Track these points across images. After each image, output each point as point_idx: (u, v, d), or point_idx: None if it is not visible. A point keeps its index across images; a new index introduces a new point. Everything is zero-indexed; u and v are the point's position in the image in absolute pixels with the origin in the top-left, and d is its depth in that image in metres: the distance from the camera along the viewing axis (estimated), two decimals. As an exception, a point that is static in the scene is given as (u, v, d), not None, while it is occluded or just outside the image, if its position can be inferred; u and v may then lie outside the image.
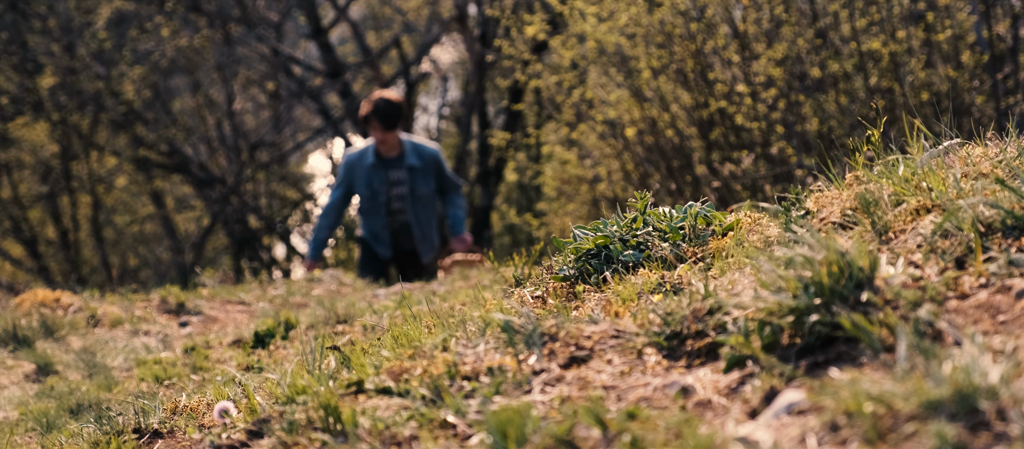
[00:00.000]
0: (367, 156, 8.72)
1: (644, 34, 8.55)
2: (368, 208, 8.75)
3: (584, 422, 1.75)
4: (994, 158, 2.41)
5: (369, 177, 8.65)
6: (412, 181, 8.67)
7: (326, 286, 6.99)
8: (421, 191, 8.69)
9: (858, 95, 7.80)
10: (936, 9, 7.59)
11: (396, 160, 8.67)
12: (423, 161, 8.71)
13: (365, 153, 8.76)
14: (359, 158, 8.76)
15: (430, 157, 8.76)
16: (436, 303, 3.92)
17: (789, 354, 1.87)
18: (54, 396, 4.17)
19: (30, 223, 16.42)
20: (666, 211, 2.87)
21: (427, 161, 8.74)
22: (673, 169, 8.82)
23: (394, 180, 8.67)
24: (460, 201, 9.07)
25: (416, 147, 8.79)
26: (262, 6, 15.24)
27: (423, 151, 8.78)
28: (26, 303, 5.92)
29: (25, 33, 14.20)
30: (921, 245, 2.08)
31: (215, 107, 16.41)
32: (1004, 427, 1.43)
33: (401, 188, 8.67)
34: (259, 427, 2.21)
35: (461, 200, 9.08)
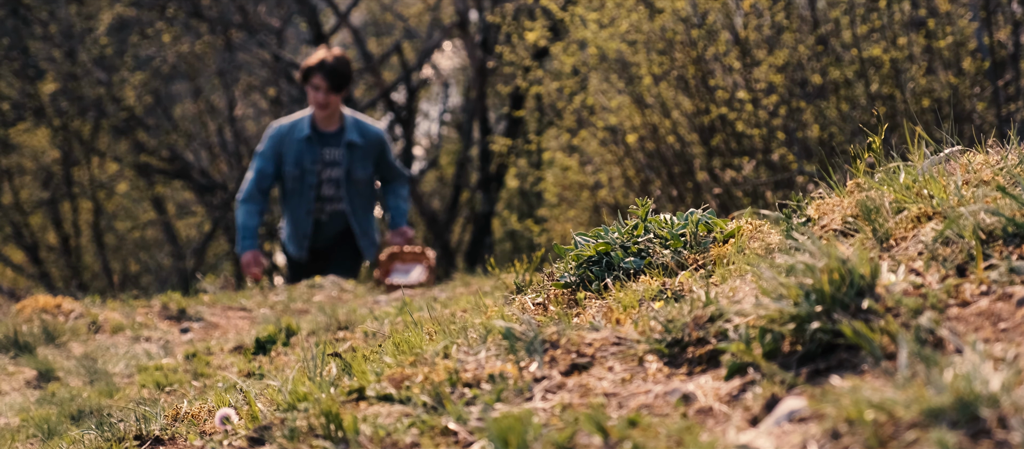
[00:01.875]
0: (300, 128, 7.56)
1: (645, 40, 8.55)
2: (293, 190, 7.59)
3: (585, 429, 1.75)
4: (995, 165, 2.41)
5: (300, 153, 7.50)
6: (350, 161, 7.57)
7: (327, 292, 6.99)
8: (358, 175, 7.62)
9: (859, 102, 7.80)
10: (937, 16, 7.59)
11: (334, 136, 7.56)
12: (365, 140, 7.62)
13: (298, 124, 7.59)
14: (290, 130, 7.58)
15: (374, 137, 7.69)
16: (437, 310, 3.92)
17: (790, 361, 1.87)
18: (55, 402, 4.17)
19: (31, 229, 16.43)
20: (667, 218, 2.87)
21: (370, 141, 7.66)
22: (674, 176, 8.82)
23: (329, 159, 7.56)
24: (404, 191, 8.05)
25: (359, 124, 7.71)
26: (263, 12, 15.26)
27: (366, 129, 7.71)
28: (27, 309, 5.92)
29: (26, 39, 14.22)
30: (922, 252, 2.08)
31: (216, 113, 16.42)
32: (1005, 435, 1.43)
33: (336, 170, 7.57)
34: (260, 434, 2.21)
35: (405, 191, 8.08)
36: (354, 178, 7.61)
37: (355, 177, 7.61)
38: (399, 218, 7.96)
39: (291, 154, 7.49)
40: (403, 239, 7.84)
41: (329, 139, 7.53)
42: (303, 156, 7.48)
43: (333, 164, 7.55)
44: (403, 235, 7.85)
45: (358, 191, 7.68)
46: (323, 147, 7.53)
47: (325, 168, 7.54)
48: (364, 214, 7.82)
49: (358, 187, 7.66)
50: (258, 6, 14.97)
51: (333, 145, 7.54)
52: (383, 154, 7.72)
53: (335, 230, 7.78)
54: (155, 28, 14.91)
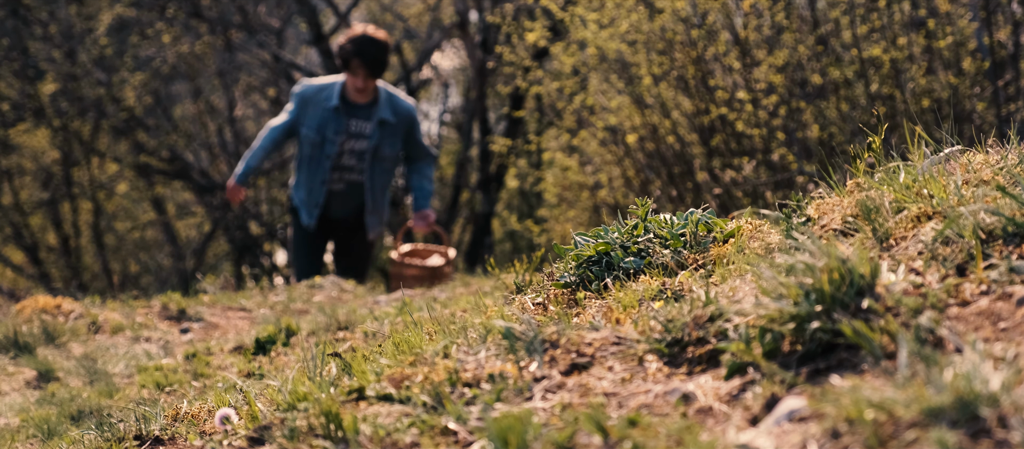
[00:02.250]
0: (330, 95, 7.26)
1: (645, 41, 8.55)
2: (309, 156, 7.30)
3: (585, 429, 1.75)
4: (995, 165, 2.41)
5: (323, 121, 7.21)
6: (379, 139, 7.27)
7: (327, 293, 6.99)
8: (386, 152, 7.35)
9: (859, 102, 7.80)
10: (937, 16, 7.59)
11: (365, 109, 7.27)
12: (397, 117, 7.33)
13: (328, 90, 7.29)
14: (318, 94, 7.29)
15: (405, 113, 7.39)
16: (437, 310, 3.92)
17: (790, 361, 1.87)
18: (55, 403, 4.17)
19: (31, 229, 16.43)
20: (667, 218, 2.87)
21: (401, 117, 7.36)
22: (674, 176, 8.82)
23: (355, 132, 7.25)
24: (429, 172, 7.68)
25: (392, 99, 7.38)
26: (263, 12, 15.26)
27: (398, 105, 7.38)
28: (27, 309, 5.92)
29: (26, 39, 14.22)
30: (922, 252, 2.08)
31: (216, 113, 16.42)
32: (1005, 434, 1.43)
33: (361, 143, 7.26)
34: (260, 434, 2.21)
35: (430, 171, 7.71)
36: (381, 155, 7.34)
37: (382, 154, 7.34)
38: (423, 200, 7.63)
39: (314, 119, 7.21)
40: (425, 223, 7.56)
41: (359, 111, 7.24)
42: (327, 125, 7.19)
43: (359, 137, 7.26)
44: (425, 219, 7.56)
45: (382, 167, 7.41)
46: (351, 119, 7.23)
47: (349, 139, 7.25)
48: (382, 190, 7.54)
49: (383, 163, 7.40)
50: (258, 6, 14.97)
51: (362, 118, 7.24)
52: (412, 131, 7.43)
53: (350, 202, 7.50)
54: (155, 28, 14.90)
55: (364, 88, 7.16)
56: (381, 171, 7.41)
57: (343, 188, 7.40)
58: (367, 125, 7.24)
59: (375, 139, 7.25)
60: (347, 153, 7.27)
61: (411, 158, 7.59)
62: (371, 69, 7.13)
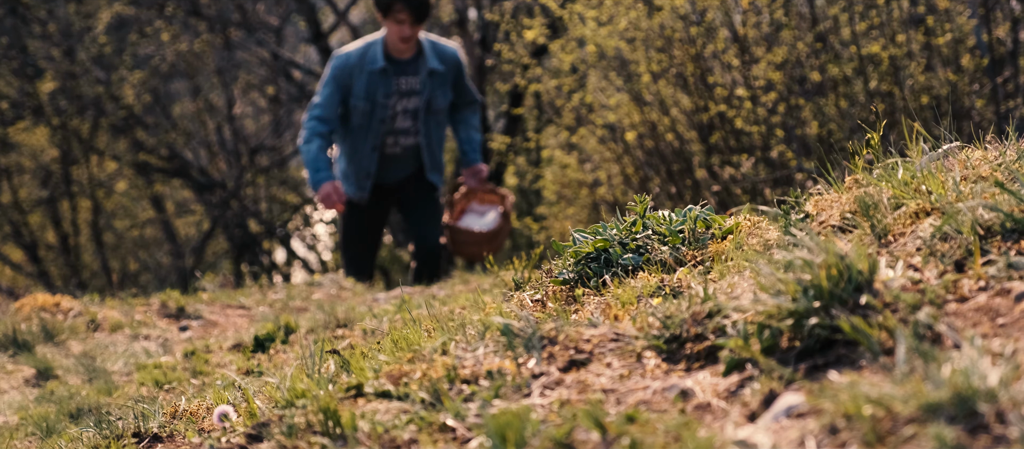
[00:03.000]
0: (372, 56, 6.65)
1: (644, 38, 8.55)
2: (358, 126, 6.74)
3: (583, 425, 1.75)
4: (993, 161, 2.41)
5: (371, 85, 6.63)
6: (431, 91, 6.72)
7: (326, 290, 6.99)
8: (439, 104, 6.78)
9: (858, 99, 7.80)
10: (936, 13, 7.59)
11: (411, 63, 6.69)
12: (445, 64, 6.77)
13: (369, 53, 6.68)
14: (360, 59, 6.68)
15: (452, 59, 6.83)
16: (436, 307, 3.92)
17: (788, 357, 1.87)
18: (54, 401, 4.17)
19: (30, 228, 16.43)
20: (666, 215, 2.87)
21: (449, 64, 6.80)
22: (673, 173, 8.82)
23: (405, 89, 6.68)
24: (475, 120, 7.14)
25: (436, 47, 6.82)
26: (262, 10, 15.26)
27: (444, 52, 6.82)
28: (26, 307, 5.92)
29: (25, 38, 14.22)
30: (920, 248, 2.08)
31: (215, 111, 16.43)
32: (1003, 430, 1.43)
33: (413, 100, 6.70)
34: (259, 431, 2.21)
35: (477, 120, 7.17)
36: (434, 108, 6.79)
37: (436, 107, 6.79)
38: (473, 153, 7.09)
39: (361, 86, 6.62)
40: (477, 178, 7.07)
41: (405, 68, 6.68)
42: (375, 88, 6.62)
43: (410, 94, 6.71)
44: (478, 174, 7.07)
45: (436, 121, 6.86)
46: (399, 77, 6.67)
47: (401, 99, 6.70)
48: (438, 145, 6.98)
49: (437, 117, 6.84)
50: (257, 4, 14.98)
51: (410, 73, 6.68)
52: (460, 76, 6.89)
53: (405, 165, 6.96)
54: (154, 27, 14.91)
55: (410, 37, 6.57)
56: (436, 125, 6.86)
57: (399, 152, 6.86)
58: (416, 81, 6.70)
59: (426, 92, 6.71)
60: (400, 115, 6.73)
61: (457, 106, 7.03)
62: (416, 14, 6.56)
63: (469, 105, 7.00)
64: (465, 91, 6.91)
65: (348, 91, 6.63)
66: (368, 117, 6.65)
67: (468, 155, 7.05)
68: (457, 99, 6.93)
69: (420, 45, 6.68)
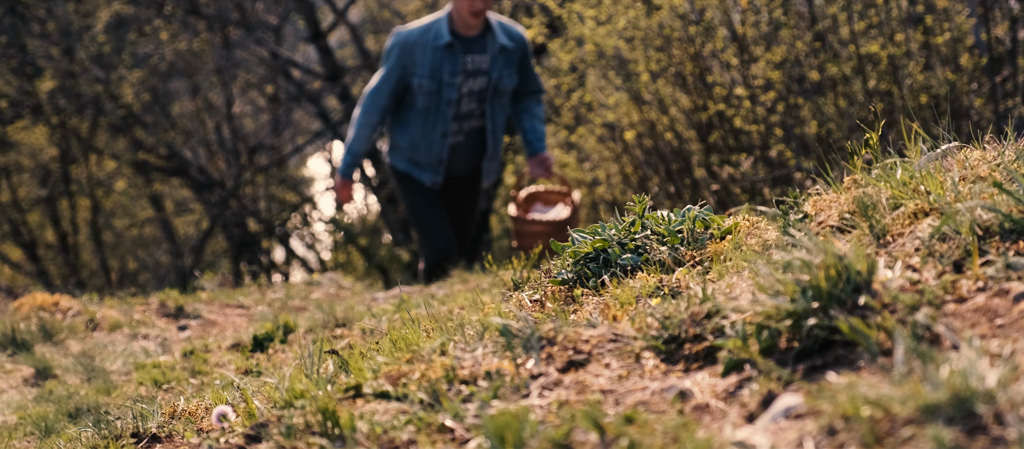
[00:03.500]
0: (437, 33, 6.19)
1: (643, 37, 8.56)
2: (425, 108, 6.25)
3: (582, 426, 1.75)
4: (992, 161, 2.41)
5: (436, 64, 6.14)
6: (499, 72, 6.24)
7: (325, 289, 6.99)
8: (505, 86, 6.29)
9: (857, 98, 7.80)
10: (935, 12, 7.59)
11: (478, 40, 6.22)
12: (514, 43, 6.28)
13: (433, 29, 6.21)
14: (422, 36, 6.20)
15: (520, 40, 6.34)
16: (434, 307, 3.92)
17: (787, 358, 1.87)
18: (53, 400, 4.17)
19: (29, 227, 16.43)
20: (664, 214, 2.87)
21: (517, 44, 6.31)
22: (672, 172, 8.82)
23: (472, 69, 6.20)
24: (540, 110, 6.62)
25: (503, 25, 6.33)
26: (261, 9, 15.25)
27: (513, 32, 6.34)
28: (25, 307, 5.92)
29: (24, 37, 14.21)
30: (919, 248, 2.08)
31: (214, 110, 16.43)
32: (1001, 431, 1.43)
33: (479, 81, 6.23)
34: (257, 431, 2.20)
35: (541, 109, 6.64)
36: (501, 90, 6.30)
37: (502, 88, 6.29)
38: (538, 143, 6.52)
39: (425, 65, 6.15)
40: (544, 169, 6.51)
41: (473, 45, 6.20)
42: (441, 67, 6.15)
43: (477, 73, 6.24)
44: (544, 163, 6.51)
45: (501, 104, 6.37)
46: (466, 55, 6.19)
47: (467, 79, 6.22)
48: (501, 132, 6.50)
49: (501, 99, 6.35)
50: (256, 3, 14.97)
51: (478, 51, 6.21)
52: (525, 60, 6.40)
53: (470, 154, 6.49)
54: (153, 26, 14.90)
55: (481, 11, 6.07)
56: (500, 108, 6.38)
57: (463, 139, 6.41)
58: (483, 59, 6.21)
59: (495, 72, 6.24)
60: (466, 97, 6.25)
61: (519, 95, 6.54)
62: None
63: (533, 94, 6.55)
64: (530, 77, 6.47)
65: (410, 70, 6.21)
66: (435, 99, 6.21)
67: (534, 145, 6.51)
68: (521, 86, 6.47)
69: (488, 23, 6.23)
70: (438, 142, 6.30)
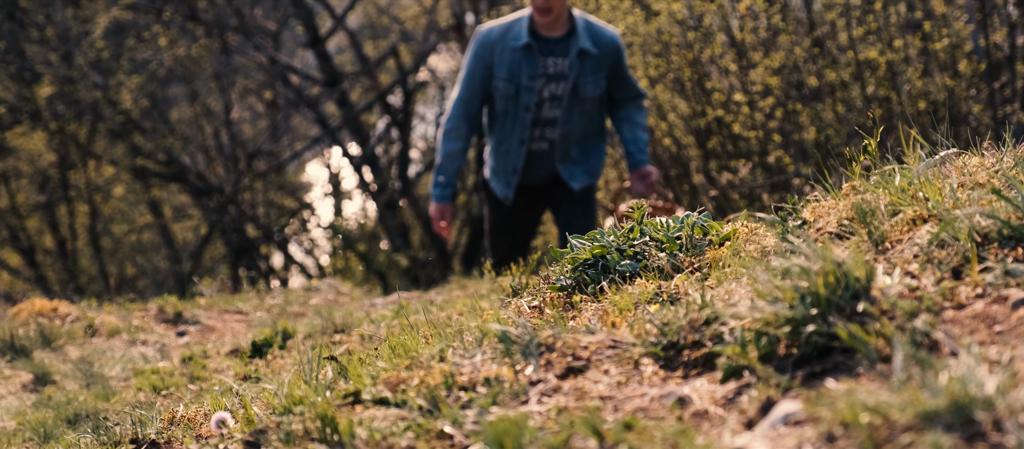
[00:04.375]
0: (516, 33, 5.81)
1: (641, 43, 8.56)
2: (503, 113, 5.89)
3: (581, 433, 1.75)
4: (990, 168, 2.41)
5: (515, 65, 5.77)
6: (580, 75, 5.79)
7: (323, 295, 6.99)
8: (589, 92, 5.83)
9: (855, 104, 7.81)
10: (933, 18, 7.60)
11: (560, 43, 5.79)
12: (599, 47, 5.81)
13: (513, 29, 5.83)
14: (503, 36, 5.83)
15: (609, 43, 5.85)
16: (433, 313, 3.92)
17: (786, 364, 1.87)
18: (52, 406, 4.17)
19: (28, 232, 16.42)
20: (663, 221, 2.87)
21: (604, 48, 5.83)
22: (670, 178, 8.82)
23: (553, 72, 5.79)
24: (642, 118, 6.10)
25: (590, 26, 5.87)
26: (260, 15, 15.26)
27: (599, 34, 5.85)
28: (24, 313, 5.91)
29: (23, 42, 14.21)
30: (917, 255, 2.08)
31: (213, 116, 16.42)
32: (1000, 438, 1.43)
33: (561, 85, 5.81)
34: (256, 438, 2.20)
35: (643, 117, 6.12)
36: (583, 96, 5.86)
37: (584, 94, 5.85)
38: (639, 154, 6.06)
39: (503, 66, 5.80)
40: (645, 184, 6.05)
41: (554, 47, 5.79)
42: (519, 69, 5.78)
43: (558, 78, 5.81)
44: (645, 177, 6.05)
45: (582, 111, 5.91)
46: (546, 57, 5.79)
47: (548, 83, 5.80)
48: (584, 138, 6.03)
49: (584, 106, 5.90)
50: (254, 9, 14.97)
51: (559, 54, 5.80)
52: (618, 65, 5.92)
53: (549, 162, 6.03)
54: (151, 31, 14.90)
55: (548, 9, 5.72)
56: (581, 115, 5.92)
57: (545, 147, 5.97)
58: (565, 62, 5.80)
59: (574, 78, 5.81)
60: (548, 103, 5.83)
61: (617, 100, 6.08)
62: None
63: (633, 100, 6.09)
64: (626, 83, 6.00)
65: (490, 72, 5.85)
66: (513, 103, 5.84)
67: (635, 156, 6.06)
68: (616, 92, 6.01)
69: (573, 23, 5.83)
70: (515, 149, 5.94)
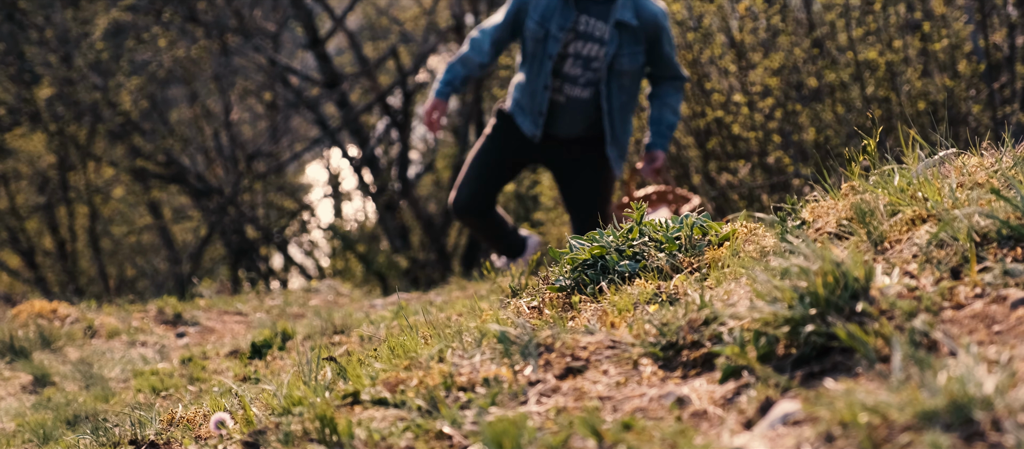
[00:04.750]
0: None
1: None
2: (531, 55, 5.83)
3: (579, 433, 1.75)
4: (990, 168, 2.41)
5: (549, 12, 5.74)
6: (618, 45, 5.72)
7: (323, 296, 6.99)
8: (625, 64, 5.76)
9: (855, 104, 7.81)
10: (933, 19, 7.60)
11: (601, 6, 5.74)
12: (640, 20, 5.74)
13: None
14: None
15: (650, 17, 5.77)
16: (432, 314, 3.92)
17: (785, 364, 1.87)
18: (51, 407, 4.16)
19: (27, 234, 16.42)
20: (662, 221, 2.87)
21: (646, 21, 5.75)
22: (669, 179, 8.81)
23: (584, 31, 5.74)
24: (675, 101, 6.04)
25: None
26: (259, 16, 15.26)
27: (644, 7, 5.76)
28: (23, 314, 5.91)
29: (22, 44, 14.21)
30: (916, 255, 2.08)
31: (212, 117, 16.42)
32: (999, 438, 1.43)
33: (591, 47, 5.75)
34: (255, 438, 2.20)
35: (677, 100, 6.06)
36: (618, 69, 5.77)
37: (620, 67, 5.77)
38: (657, 137, 5.99)
39: (538, 9, 5.75)
40: (650, 169, 6.00)
41: (593, 7, 5.72)
42: (552, 16, 5.73)
43: (588, 38, 5.74)
44: (652, 163, 5.99)
45: (620, 85, 5.82)
46: (581, 14, 5.73)
47: (576, 40, 5.74)
48: (622, 115, 5.91)
49: (621, 80, 5.81)
50: (254, 10, 14.97)
51: (596, 16, 5.73)
52: (659, 41, 5.83)
53: (578, 123, 5.91)
54: (151, 33, 14.90)
55: None
56: (619, 89, 5.83)
57: (564, 102, 5.87)
58: (601, 27, 5.74)
59: (612, 47, 5.73)
60: (572, 58, 5.77)
61: (653, 78, 6.00)
62: None
63: (670, 81, 5.99)
64: (665, 62, 5.90)
65: (525, 11, 5.79)
66: (540, 47, 5.76)
67: (652, 137, 5.98)
68: (654, 69, 5.93)
69: None
70: (540, 93, 5.81)
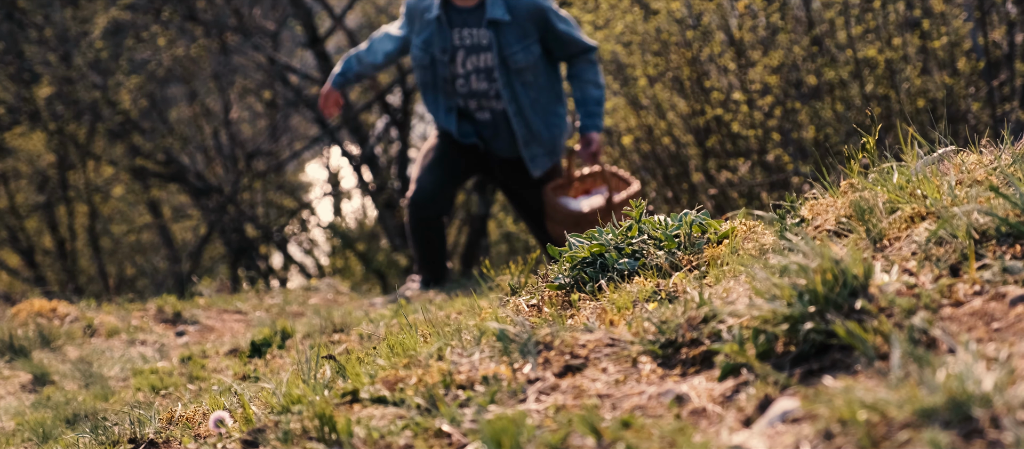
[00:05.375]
0: (429, 4, 5.68)
1: (640, 42, 8.56)
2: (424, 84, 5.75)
3: (579, 431, 1.75)
4: (989, 165, 2.41)
5: (429, 37, 5.64)
6: (500, 45, 5.58)
7: (323, 295, 6.99)
8: (520, 61, 5.60)
9: (854, 102, 7.80)
10: (932, 16, 7.60)
11: (473, 13, 5.60)
12: (513, 14, 5.58)
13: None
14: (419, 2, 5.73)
15: (525, 8, 5.60)
16: (432, 312, 3.92)
17: (784, 362, 1.87)
18: (50, 406, 4.16)
19: (27, 233, 16.41)
20: (662, 219, 2.87)
21: (520, 13, 5.59)
22: (669, 177, 8.82)
23: (470, 44, 5.61)
24: (591, 74, 5.82)
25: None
26: (258, 15, 15.24)
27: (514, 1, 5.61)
28: (23, 313, 5.91)
29: (22, 43, 14.20)
30: (916, 252, 2.08)
31: (212, 116, 16.41)
32: (998, 435, 1.43)
33: (484, 57, 5.62)
34: (254, 437, 2.20)
35: (593, 72, 5.84)
36: (514, 67, 5.62)
37: (516, 64, 5.62)
38: (585, 119, 5.80)
39: (421, 36, 5.66)
40: (586, 152, 5.81)
41: (466, 18, 5.60)
42: (432, 41, 5.63)
43: (476, 50, 5.61)
44: (587, 146, 5.81)
45: (524, 82, 5.66)
46: (458, 29, 5.61)
47: (467, 57, 5.61)
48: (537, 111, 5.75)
49: (523, 77, 5.65)
50: (253, 9, 14.96)
51: (472, 25, 5.60)
52: (548, 24, 5.63)
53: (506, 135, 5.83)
54: (150, 32, 14.89)
55: None
56: (523, 86, 5.68)
57: (489, 117, 5.78)
58: (478, 33, 5.61)
59: (495, 49, 5.59)
60: (474, 74, 5.65)
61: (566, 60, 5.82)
62: None
63: (580, 56, 5.78)
64: (565, 41, 5.70)
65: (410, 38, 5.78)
66: (430, 74, 5.70)
67: (581, 120, 5.82)
68: (559, 52, 5.74)
69: None
70: (445, 118, 5.77)
